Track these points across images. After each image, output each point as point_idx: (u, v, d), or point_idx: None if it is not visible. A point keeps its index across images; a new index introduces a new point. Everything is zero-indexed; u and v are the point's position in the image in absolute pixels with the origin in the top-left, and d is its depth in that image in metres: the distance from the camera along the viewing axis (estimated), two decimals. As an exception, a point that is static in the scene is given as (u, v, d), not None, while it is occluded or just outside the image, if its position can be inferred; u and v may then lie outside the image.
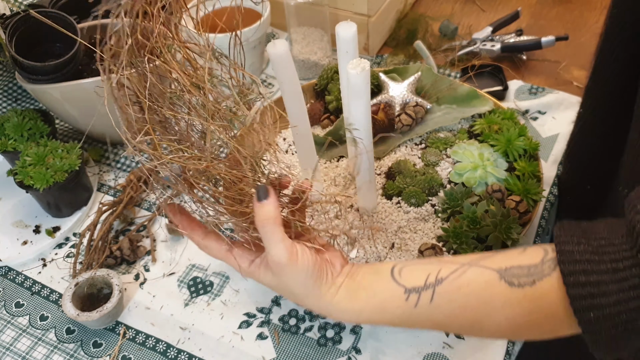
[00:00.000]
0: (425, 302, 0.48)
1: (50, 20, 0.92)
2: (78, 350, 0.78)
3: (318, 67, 1.13)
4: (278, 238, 0.49)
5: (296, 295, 0.53)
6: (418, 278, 0.49)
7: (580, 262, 0.42)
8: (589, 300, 0.41)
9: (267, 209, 0.49)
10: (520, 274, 0.45)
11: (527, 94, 1.05)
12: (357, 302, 0.51)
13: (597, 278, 0.41)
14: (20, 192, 0.89)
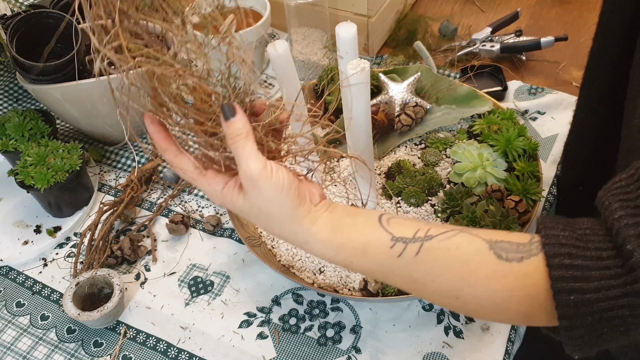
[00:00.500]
0: (410, 254, 0.46)
1: (50, 20, 0.93)
2: (79, 350, 0.78)
3: (318, 67, 1.13)
4: (249, 151, 0.46)
5: (270, 217, 0.49)
6: (407, 230, 0.48)
7: (565, 246, 0.42)
8: (570, 284, 0.41)
9: (236, 125, 0.46)
10: (509, 249, 0.44)
11: (527, 94, 1.06)
12: (338, 236, 0.49)
13: (580, 262, 0.41)
14: (21, 192, 0.90)
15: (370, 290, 0.73)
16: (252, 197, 0.48)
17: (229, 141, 0.47)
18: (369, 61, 0.66)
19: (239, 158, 0.47)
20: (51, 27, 0.93)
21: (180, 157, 0.50)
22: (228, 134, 0.47)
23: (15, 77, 1.04)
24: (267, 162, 0.47)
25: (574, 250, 0.42)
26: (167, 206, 0.94)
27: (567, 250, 0.42)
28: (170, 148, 0.50)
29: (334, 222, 0.49)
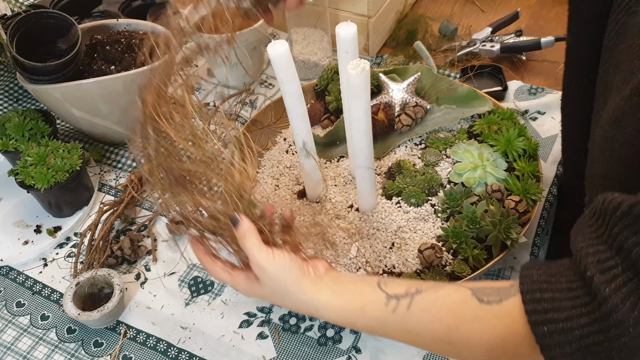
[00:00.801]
0: (403, 308, 0.52)
1: (51, 20, 0.93)
2: (79, 350, 0.78)
3: (318, 67, 1.13)
4: (253, 244, 0.56)
5: (283, 295, 0.57)
6: (400, 288, 0.54)
7: (537, 282, 0.45)
8: (543, 315, 0.44)
9: (242, 228, 0.57)
10: (490, 293, 0.49)
11: (527, 94, 1.06)
12: (340, 300, 0.55)
13: (551, 295, 0.44)
14: (22, 192, 0.90)
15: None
16: (265, 282, 0.57)
17: (240, 242, 0.57)
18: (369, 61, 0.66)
19: (247, 252, 0.57)
20: (51, 27, 0.94)
21: (213, 264, 0.61)
22: (238, 237, 0.57)
23: (16, 77, 1.04)
24: (269, 250, 0.56)
25: (544, 285, 0.45)
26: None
27: (539, 286, 0.45)
28: (206, 259, 0.61)
29: (337, 289, 0.56)
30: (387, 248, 0.79)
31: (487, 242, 0.75)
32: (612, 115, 0.53)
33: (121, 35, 1.02)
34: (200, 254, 0.62)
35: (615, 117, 0.52)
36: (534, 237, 0.83)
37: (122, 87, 0.93)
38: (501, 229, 0.73)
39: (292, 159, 0.95)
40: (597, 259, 0.43)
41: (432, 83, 0.97)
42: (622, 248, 0.42)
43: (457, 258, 0.76)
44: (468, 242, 0.75)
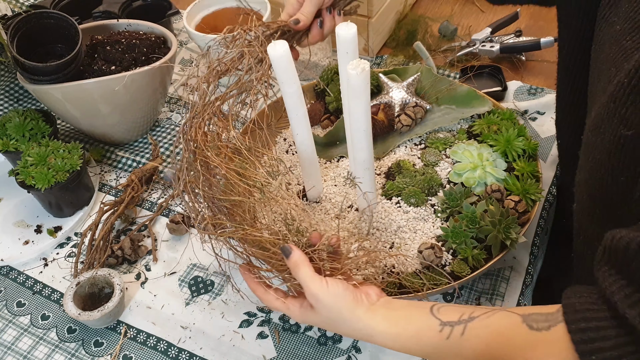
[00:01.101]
0: (457, 335, 0.53)
1: (51, 20, 0.93)
2: (79, 350, 0.78)
3: (318, 67, 1.13)
4: (309, 276, 0.58)
5: (337, 322, 0.58)
6: (453, 315, 0.55)
7: (580, 311, 0.46)
8: (589, 345, 0.44)
9: (294, 259, 0.59)
10: (539, 319, 0.50)
11: (526, 95, 1.06)
12: (395, 327, 0.56)
13: (596, 324, 0.45)
14: (22, 192, 0.90)
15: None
16: (320, 310, 0.58)
17: (293, 271, 0.59)
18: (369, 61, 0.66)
19: (301, 282, 0.58)
20: (52, 28, 0.94)
21: (266, 293, 0.63)
22: (290, 267, 0.59)
23: (16, 77, 1.04)
24: (322, 279, 0.58)
25: (588, 314, 0.46)
26: (168, 206, 0.95)
27: (583, 315, 0.46)
28: (259, 288, 0.63)
29: (390, 315, 0.57)
30: (387, 248, 0.79)
31: (487, 242, 0.75)
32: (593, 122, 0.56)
33: (121, 36, 1.02)
34: (252, 283, 0.64)
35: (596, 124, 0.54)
36: (534, 237, 0.83)
37: (122, 87, 0.93)
38: (501, 228, 0.73)
39: (292, 159, 0.95)
40: (623, 294, 0.44)
41: (432, 83, 0.97)
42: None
43: (456, 258, 0.76)
44: (468, 242, 0.75)
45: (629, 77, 0.50)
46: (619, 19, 0.56)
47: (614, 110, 0.51)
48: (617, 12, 0.57)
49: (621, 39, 0.54)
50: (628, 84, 0.50)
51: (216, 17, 1.18)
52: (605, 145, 0.53)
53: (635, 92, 0.49)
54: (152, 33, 1.05)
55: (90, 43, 1.02)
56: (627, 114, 0.50)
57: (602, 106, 0.54)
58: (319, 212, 0.85)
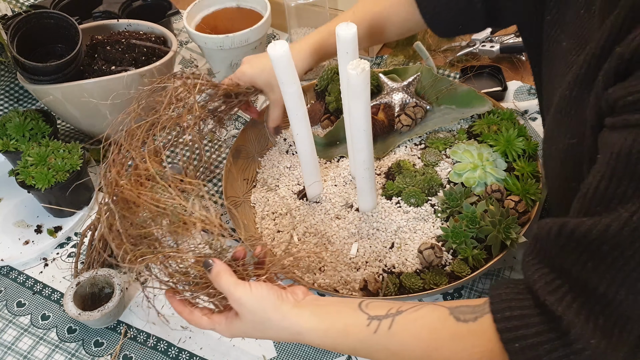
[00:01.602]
0: (384, 328, 0.53)
1: (51, 21, 0.93)
2: (79, 350, 0.78)
3: (318, 67, 1.13)
4: (231, 283, 0.56)
5: (264, 324, 0.57)
6: (381, 309, 0.55)
7: (506, 301, 0.48)
8: (513, 333, 0.46)
9: (215, 270, 0.57)
10: (466, 311, 0.51)
11: (526, 95, 1.06)
12: (323, 322, 0.56)
13: (520, 312, 0.46)
14: (22, 192, 0.90)
15: (370, 290, 0.74)
16: (244, 315, 0.57)
17: (214, 282, 0.58)
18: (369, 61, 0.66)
19: (224, 290, 0.57)
20: (52, 28, 0.94)
21: (192, 313, 0.61)
22: (213, 280, 0.58)
23: (16, 77, 1.04)
24: (246, 284, 0.57)
25: (513, 302, 0.47)
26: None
27: (508, 304, 0.47)
28: (185, 309, 0.62)
29: (318, 311, 0.57)
30: (387, 248, 0.79)
31: (487, 242, 0.75)
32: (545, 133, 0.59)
33: (121, 36, 1.02)
34: (177, 305, 0.62)
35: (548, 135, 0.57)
36: (534, 237, 0.83)
37: (122, 87, 0.93)
38: (501, 228, 0.73)
39: (292, 159, 0.95)
40: (544, 282, 0.46)
41: (432, 83, 0.98)
42: (563, 268, 0.45)
43: (456, 258, 0.76)
44: (468, 242, 0.75)
45: (569, 88, 0.52)
46: (565, 36, 0.59)
47: (560, 121, 0.54)
48: (563, 30, 0.60)
49: (567, 54, 0.57)
50: (569, 95, 0.52)
51: (216, 17, 1.18)
52: (558, 155, 0.55)
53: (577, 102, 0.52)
54: (152, 33, 1.05)
55: (90, 43, 1.02)
56: (571, 123, 0.53)
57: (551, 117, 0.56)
58: (319, 212, 0.85)
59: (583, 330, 0.43)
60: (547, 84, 0.65)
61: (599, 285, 0.43)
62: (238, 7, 1.18)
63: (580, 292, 0.44)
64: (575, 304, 0.44)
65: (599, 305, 0.43)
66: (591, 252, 0.43)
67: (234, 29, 1.06)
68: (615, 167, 0.42)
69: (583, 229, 0.43)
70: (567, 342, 0.44)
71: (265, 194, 0.91)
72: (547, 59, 0.64)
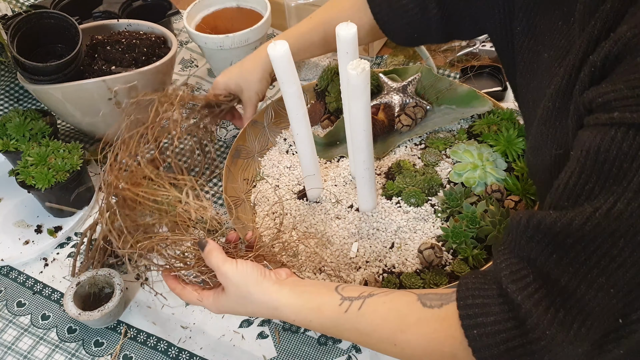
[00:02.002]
0: (354, 309, 0.55)
1: (51, 21, 0.93)
2: (79, 350, 0.78)
3: (318, 67, 1.13)
4: (220, 259, 0.61)
5: (245, 299, 0.60)
6: (355, 292, 0.57)
7: (471, 289, 0.49)
8: (473, 320, 0.47)
9: (208, 248, 0.62)
10: (433, 298, 0.53)
11: (527, 95, 1.06)
12: (299, 299, 0.59)
13: (482, 301, 0.48)
14: (22, 192, 0.90)
15: (370, 289, 0.74)
16: (229, 288, 0.61)
17: (206, 260, 0.62)
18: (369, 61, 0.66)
19: (213, 266, 0.62)
20: (52, 28, 0.94)
21: (184, 289, 0.66)
22: (204, 256, 0.62)
23: (16, 77, 1.04)
24: (233, 261, 0.61)
25: (477, 292, 0.49)
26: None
27: (472, 293, 0.49)
28: (177, 285, 0.66)
29: (296, 290, 0.60)
30: (387, 248, 0.80)
31: (487, 242, 0.75)
32: (531, 144, 0.59)
33: (121, 36, 1.03)
34: (171, 282, 0.67)
35: (534, 146, 0.58)
36: (534, 237, 0.83)
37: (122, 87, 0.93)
38: (501, 228, 0.73)
39: (292, 159, 0.95)
40: (509, 270, 0.47)
41: (432, 83, 0.98)
42: (530, 258, 0.46)
43: (457, 258, 0.76)
44: (468, 242, 0.75)
45: (552, 99, 0.53)
46: (544, 47, 0.60)
47: (546, 132, 0.55)
48: (540, 41, 0.61)
49: (550, 65, 0.58)
50: (553, 106, 0.53)
51: (216, 17, 1.18)
52: (546, 165, 0.56)
53: (560, 112, 0.52)
54: (152, 33, 1.05)
55: (90, 43, 1.02)
56: (556, 134, 0.53)
57: (536, 128, 0.57)
58: (319, 212, 0.85)
59: (540, 320, 0.44)
60: (525, 93, 0.65)
61: (561, 278, 0.44)
62: (238, 7, 1.18)
63: (543, 283, 0.45)
64: (537, 294, 0.45)
65: (560, 298, 0.44)
66: (556, 244, 0.44)
67: (234, 29, 1.07)
68: (584, 164, 0.43)
69: (549, 220, 0.44)
70: (523, 332, 0.45)
71: (265, 194, 0.91)
72: (522, 69, 0.65)
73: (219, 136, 1.06)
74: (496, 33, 0.69)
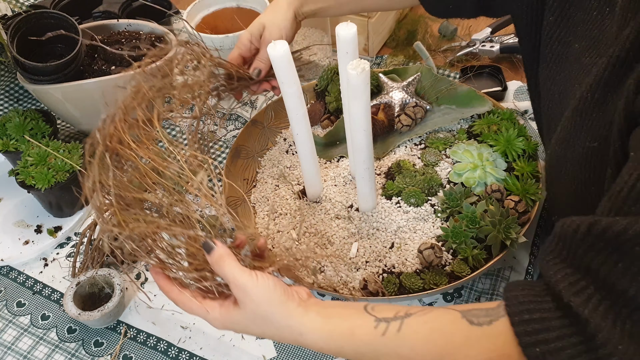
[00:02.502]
0: (393, 331, 0.50)
1: (51, 21, 0.93)
2: (79, 350, 0.78)
3: (318, 67, 1.13)
4: (233, 267, 0.52)
5: (266, 318, 0.53)
6: (389, 312, 0.52)
7: (524, 303, 0.45)
8: (533, 337, 0.44)
9: (218, 252, 0.53)
10: (479, 314, 0.48)
11: (526, 95, 1.06)
12: (328, 324, 0.53)
13: (540, 315, 0.44)
14: (22, 192, 0.90)
15: (370, 290, 0.74)
16: (246, 304, 0.53)
17: (215, 267, 0.53)
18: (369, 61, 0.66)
19: (226, 276, 0.53)
20: (52, 28, 0.94)
21: (181, 294, 0.56)
22: (212, 263, 0.53)
23: (16, 77, 1.04)
24: (252, 272, 0.53)
25: (532, 305, 0.45)
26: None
27: (526, 307, 0.45)
28: (172, 289, 0.56)
29: (323, 312, 0.53)
30: (387, 248, 0.79)
31: (487, 242, 0.75)
32: (559, 136, 0.57)
33: (121, 36, 1.02)
34: (165, 284, 0.56)
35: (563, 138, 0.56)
36: (534, 237, 0.83)
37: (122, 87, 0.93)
38: (501, 228, 0.73)
39: (292, 159, 0.95)
40: (568, 282, 0.44)
41: (432, 83, 0.98)
42: (590, 268, 0.43)
43: (456, 258, 0.76)
44: (468, 242, 0.75)
45: (591, 91, 0.51)
46: (575, 39, 0.58)
47: (580, 123, 0.53)
48: (572, 32, 0.59)
49: (580, 56, 0.56)
50: (591, 98, 0.51)
51: (216, 17, 1.18)
52: (576, 158, 0.54)
53: (598, 104, 0.51)
54: (152, 33, 1.05)
55: (90, 43, 1.02)
56: (592, 126, 0.51)
57: (568, 120, 0.55)
58: (319, 212, 0.85)
59: (610, 335, 0.41)
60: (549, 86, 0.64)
61: (629, 288, 0.41)
62: (238, 7, 1.18)
63: (607, 294, 0.42)
64: (602, 306, 0.42)
65: (627, 309, 0.41)
66: (623, 252, 0.41)
67: (234, 29, 1.06)
68: None
69: (617, 228, 0.41)
70: (592, 347, 0.42)
71: (265, 194, 0.91)
72: (549, 61, 0.63)
73: (219, 136, 1.06)
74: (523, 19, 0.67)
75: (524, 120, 1.01)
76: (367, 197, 0.81)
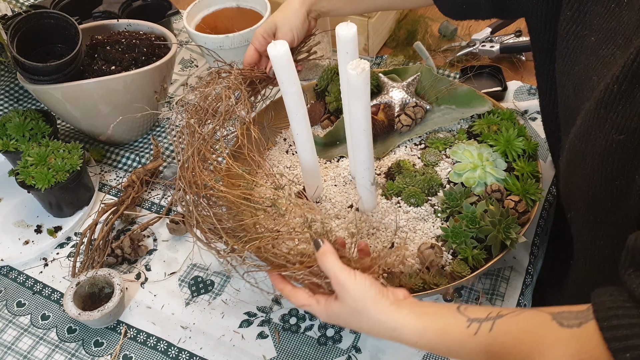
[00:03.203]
0: (485, 331, 0.52)
1: (51, 20, 0.93)
2: (79, 350, 0.78)
3: (318, 67, 1.13)
4: (334, 263, 0.58)
5: (361, 313, 0.57)
6: (481, 313, 0.54)
7: (613, 309, 0.46)
8: (623, 342, 0.43)
9: (323, 249, 0.60)
10: (569, 317, 0.49)
11: (526, 95, 1.06)
12: (421, 321, 0.55)
13: (629, 321, 0.44)
14: (22, 192, 0.90)
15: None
16: (344, 299, 0.58)
17: (319, 261, 0.60)
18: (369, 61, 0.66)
19: (328, 271, 0.59)
20: (52, 28, 0.94)
21: (294, 290, 0.63)
22: (318, 257, 0.60)
23: (16, 77, 1.04)
24: (351, 270, 0.58)
25: (620, 311, 0.45)
26: (170, 206, 0.95)
27: (614, 312, 0.45)
28: (286, 286, 0.64)
29: (416, 310, 0.56)
30: (387, 248, 0.79)
31: (487, 242, 0.75)
32: (579, 130, 0.56)
33: (121, 36, 1.02)
34: (278, 282, 0.65)
35: (583, 132, 0.55)
36: (534, 237, 0.83)
37: (122, 87, 0.93)
38: (501, 228, 0.73)
39: (292, 159, 0.95)
40: None
41: (432, 83, 0.98)
42: None
43: (456, 258, 0.76)
44: (468, 242, 0.75)
45: (617, 82, 0.51)
46: (591, 32, 0.58)
47: (604, 116, 0.52)
48: (588, 26, 0.59)
49: (597, 49, 0.56)
50: (618, 90, 0.51)
51: (216, 17, 1.18)
52: (598, 152, 0.53)
53: (625, 96, 0.50)
54: (152, 33, 1.05)
55: (90, 43, 1.02)
56: (618, 119, 0.51)
57: (589, 113, 0.54)
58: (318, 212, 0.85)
59: None
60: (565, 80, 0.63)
61: None
62: (238, 7, 1.18)
63: None
64: None
65: None
66: None
67: (234, 29, 1.06)
68: None
69: None
70: None
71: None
72: (565, 55, 0.63)
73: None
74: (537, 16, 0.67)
75: (524, 120, 1.01)
76: (367, 197, 0.81)
